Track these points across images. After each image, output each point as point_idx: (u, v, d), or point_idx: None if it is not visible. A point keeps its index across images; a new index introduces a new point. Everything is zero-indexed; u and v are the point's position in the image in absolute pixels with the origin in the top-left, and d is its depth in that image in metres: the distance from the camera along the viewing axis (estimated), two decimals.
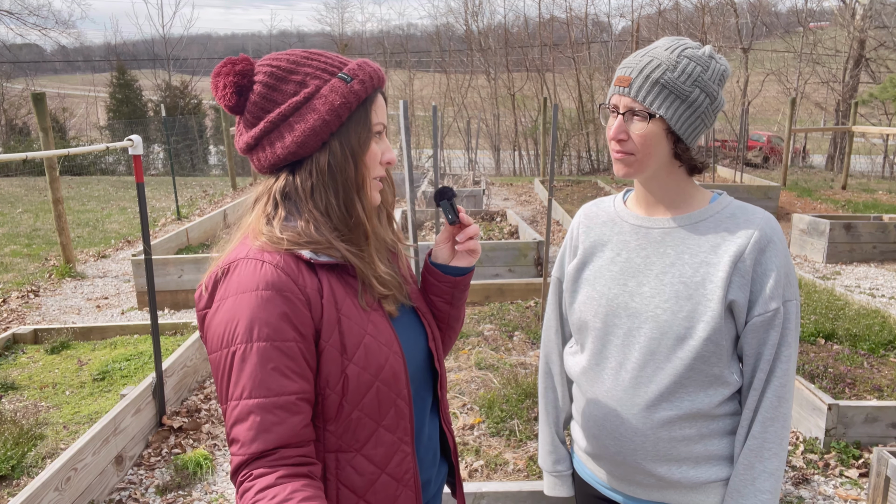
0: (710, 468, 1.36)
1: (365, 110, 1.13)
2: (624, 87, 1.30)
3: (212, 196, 12.62)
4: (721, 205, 1.36)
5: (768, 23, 23.45)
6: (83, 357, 4.39)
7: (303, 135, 1.09)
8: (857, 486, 3.12)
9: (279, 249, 1.08)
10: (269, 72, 1.11)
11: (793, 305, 1.30)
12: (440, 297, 1.32)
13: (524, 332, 5.00)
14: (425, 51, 29.63)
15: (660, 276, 1.34)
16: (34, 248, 8.34)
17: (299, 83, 1.10)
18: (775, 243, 1.29)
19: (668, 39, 1.33)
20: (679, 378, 1.31)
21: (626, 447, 1.38)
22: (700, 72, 1.27)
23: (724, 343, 1.29)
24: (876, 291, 6.33)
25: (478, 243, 1.29)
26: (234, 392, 1.02)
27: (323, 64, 1.12)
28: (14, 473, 3.08)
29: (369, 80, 1.13)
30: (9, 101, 24.65)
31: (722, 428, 1.36)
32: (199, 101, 26.60)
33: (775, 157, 19.14)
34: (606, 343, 1.40)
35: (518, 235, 7.52)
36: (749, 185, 10.68)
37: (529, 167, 22.39)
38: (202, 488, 3.17)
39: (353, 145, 1.12)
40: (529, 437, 3.50)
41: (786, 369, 1.30)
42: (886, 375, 4.07)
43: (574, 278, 1.48)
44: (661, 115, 1.27)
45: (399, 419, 1.14)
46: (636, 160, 1.32)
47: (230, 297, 1.04)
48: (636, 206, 1.44)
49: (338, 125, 1.10)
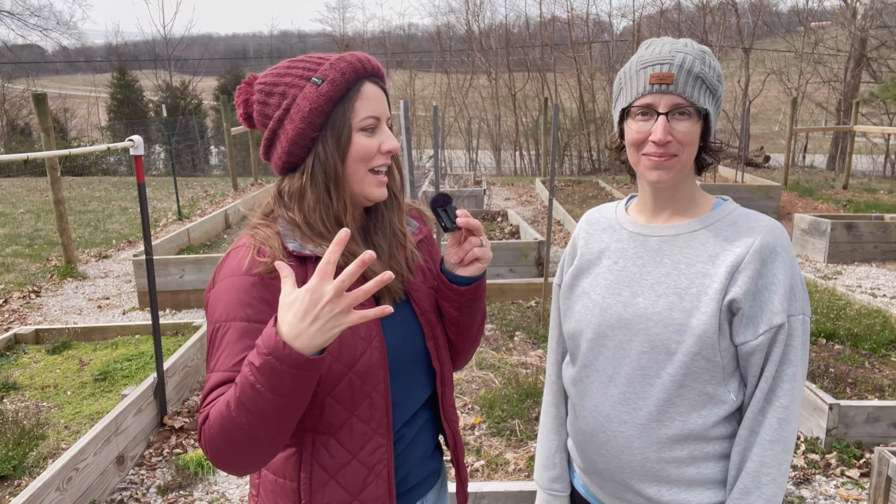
0: (704, 491, 1.28)
1: (343, 108, 1.15)
2: (667, 83, 1.19)
3: (213, 196, 12.63)
4: (724, 212, 1.29)
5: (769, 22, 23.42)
6: (84, 357, 4.40)
7: (287, 143, 1.17)
8: (858, 486, 3.12)
9: (269, 241, 1.15)
10: (260, 89, 1.19)
11: (798, 321, 1.20)
12: (448, 303, 1.29)
13: (525, 332, 5.00)
14: (426, 51, 29.63)
15: (654, 287, 1.27)
16: (36, 249, 8.35)
17: (281, 95, 1.17)
18: (779, 254, 1.20)
19: (668, 38, 1.28)
20: (669, 396, 1.24)
21: (614, 464, 1.31)
22: (718, 66, 1.25)
23: (717, 359, 1.22)
24: (877, 291, 6.32)
25: (484, 251, 1.23)
26: (211, 363, 1.10)
27: (301, 70, 1.16)
28: (15, 473, 3.09)
29: (341, 78, 1.14)
30: (10, 101, 24.66)
31: (717, 451, 1.27)
32: (199, 101, 26.60)
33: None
34: (597, 355, 1.33)
35: (519, 235, 7.53)
36: (750, 185, 10.67)
37: (530, 167, 22.39)
38: (203, 488, 3.17)
39: (333, 146, 1.16)
40: (530, 436, 3.50)
41: (789, 389, 1.20)
42: (888, 375, 4.06)
43: (570, 285, 1.42)
44: (707, 109, 1.20)
45: (373, 411, 1.17)
46: (678, 162, 1.22)
47: (221, 279, 1.15)
48: (638, 212, 1.38)
49: (316, 129, 1.15)
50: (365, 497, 1.18)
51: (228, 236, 8.56)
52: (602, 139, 21.43)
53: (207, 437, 1.04)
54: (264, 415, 0.99)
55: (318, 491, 1.16)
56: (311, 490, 1.16)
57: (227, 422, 1.00)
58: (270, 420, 1.00)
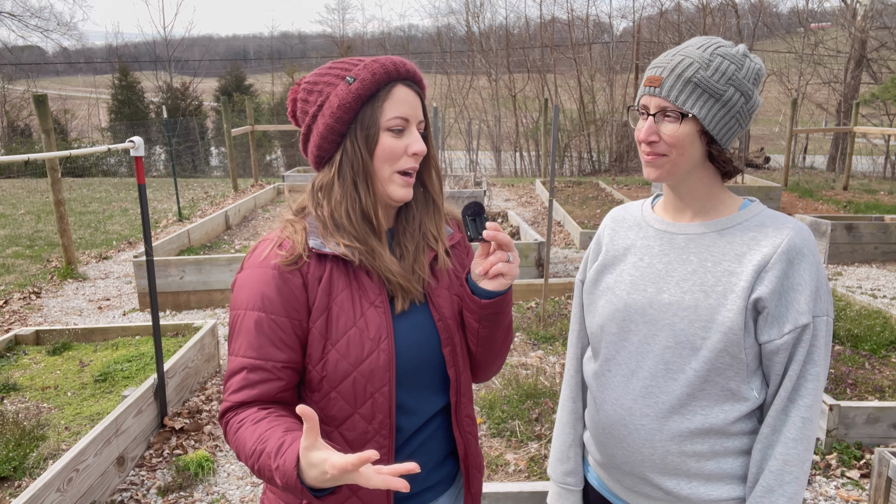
0: (723, 486, 1.30)
1: (372, 107, 1.18)
2: (654, 86, 1.25)
3: (213, 197, 12.64)
4: (751, 212, 1.30)
5: (769, 23, 23.41)
6: (85, 358, 4.40)
7: (318, 137, 1.22)
8: (858, 487, 3.12)
9: (293, 236, 1.21)
10: (303, 87, 1.25)
11: (822, 322, 1.22)
12: (469, 313, 1.27)
13: (525, 333, 4.99)
14: (426, 52, 29.63)
15: (680, 284, 1.29)
16: (36, 250, 8.35)
17: (318, 93, 1.21)
18: (805, 255, 1.22)
19: (699, 38, 1.28)
20: (692, 390, 1.26)
21: (634, 457, 1.33)
22: (734, 70, 1.23)
23: (742, 356, 1.23)
24: (877, 292, 6.32)
25: (510, 267, 1.19)
26: (233, 347, 1.19)
27: (338, 70, 1.21)
28: (16, 474, 3.09)
29: (371, 78, 1.17)
30: (10, 102, 24.67)
31: (738, 447, 1.29)
32: (200, 102, 26.60)
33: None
34: (620, 349, 1.35)
35: (519, 236, 7.53)
36: (751, 185, 10.67)
37: (531, 168, 22.37)
38: (203, 489, 3.17)
39: (361, 142, 1.19)
40: (530, 437, 3.50)
41: (813, 388, 1.22)
42: (888, 376, 4.06)
43: (594, 281, 1.44)
44: (693, 114, 1.22)
45: (376, 412, 1.18)
46: (668, 162, 1.27)
47: (247, 269, 1.21)
48: (663, 211, 1.39)
49: (346, 125, 1.19)
50: (363, 494, 1.21)
51: (229, 237, 8.56)
52: (602, 140, 21.44)
53: (227, 436, 1.18)
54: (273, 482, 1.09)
55: None
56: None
57: (242, 455, 1.13)
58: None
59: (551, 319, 5.19)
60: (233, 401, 1.17)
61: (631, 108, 1.32)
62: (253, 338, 1.16)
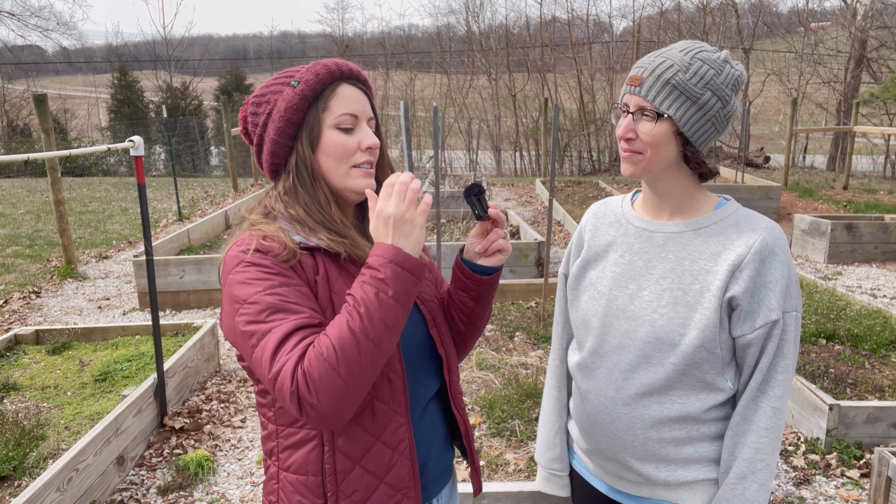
0: (699, 468, 1.37)
1: (317, 107, 1.21)
2: (635, 86, 1.30)
3: (213, 197, 12.64)
4: (726, 212, 1.35)
5: (769, 23, 23.40)
6: (84, 358, 4.40)
7: (271, 144, 1.23)
8: (858, 487, 3.12)
9: (275, 234, 1.19)
10: (251, 102, 1.27)
11: (792, 317, 1.29)
12: (467, 294, 1.33)
13: (525, 332, 4.99)
14: (426, 52, 29.61)
15: (660, 281, 1.34)
16: (36, 249, 8.35)
17: (267, 103, 1.24)
18: (777, 254, 1.28)
19: (685, 42, 1.33)
20: (671, 381, 1.33)
21: (616, 444, 1.40)
22: (713, 75, 1.27)
23: (717, 351, 1.30)
24: (877, 292, 6.32)
25: (506, 242, 1.29)
26: (264, 327, 1.07)
27: (283, 78, 1.24)
28: (16, 474, 3.09)
29: (315, 78, 1.20)
30: (10, 102, 24.67)
31: (712, 432, 1.37)
32: (199, 101, 26.59)
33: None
34: (603, 342, 1.41)
35: (519, 236, 7.53)
36: (750, 185, 10.67)
37: (530, 168, 22.37)
38: (203, 489, 3.17)
39: (310, 142, 1.22)
40: (530, 437, 3.50)
41: (783, 380, 1.29)
42: (888, 376, 4.06)
43: (578, 276, 1.50)
44: (669, 115, 1.27)
45: (393, 392, 1.19)
46: (643, 160, 1.32)
47: (243, 262, 1.17)
48: (642, 208, 1.44)
49: (295, 128, 1.21)
50: (391, 479, 1.20)
51: (229, 237, 8.56)
52: (602, 140, 21.43)
53: (310, 375, 1.01)
54: (388, 328, 1.04)
55: (344, 480, 1.17)
56: (337, 480, 1.17)
57: (348, 344, 1.02)
58: (394, 334, 1.06)
59: (551, 319, 5.19)
60: (299, 352, 1.04)
61: (615, 105, 1.38)
62: (292, 300, 1.09)
